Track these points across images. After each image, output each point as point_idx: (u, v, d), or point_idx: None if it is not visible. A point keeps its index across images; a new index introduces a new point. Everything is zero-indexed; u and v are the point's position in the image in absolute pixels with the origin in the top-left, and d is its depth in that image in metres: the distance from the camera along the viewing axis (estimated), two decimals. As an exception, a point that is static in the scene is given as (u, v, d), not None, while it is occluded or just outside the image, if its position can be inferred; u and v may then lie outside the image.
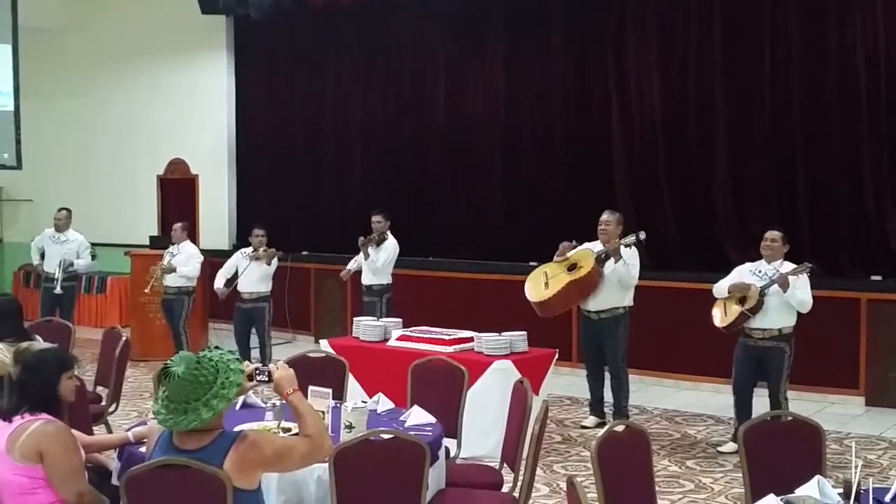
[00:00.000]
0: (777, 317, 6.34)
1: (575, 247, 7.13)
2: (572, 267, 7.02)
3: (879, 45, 8.15)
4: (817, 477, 3.39)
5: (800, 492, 3.30)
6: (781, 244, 6.49)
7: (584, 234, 7.31)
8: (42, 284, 9.97)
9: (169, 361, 3.19)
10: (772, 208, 8.68)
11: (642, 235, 6.89)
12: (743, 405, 6.55)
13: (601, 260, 6.96)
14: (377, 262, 8.66)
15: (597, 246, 7.07)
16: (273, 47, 12.16)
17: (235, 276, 8.94)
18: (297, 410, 3.31)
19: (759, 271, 6.47)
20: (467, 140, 10.66)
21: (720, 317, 6.49)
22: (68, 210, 10.04)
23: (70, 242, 9.85)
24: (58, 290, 9.57)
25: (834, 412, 7.62)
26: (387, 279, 8.79)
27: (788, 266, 6.41)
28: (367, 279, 8.80)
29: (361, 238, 8.71)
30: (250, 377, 3.30)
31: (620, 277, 6.93)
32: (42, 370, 3.77)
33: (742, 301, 6.36)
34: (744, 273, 6.57)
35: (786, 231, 8.36)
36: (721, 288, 6.55)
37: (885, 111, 8.13)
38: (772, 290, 6.29)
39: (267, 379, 3.33)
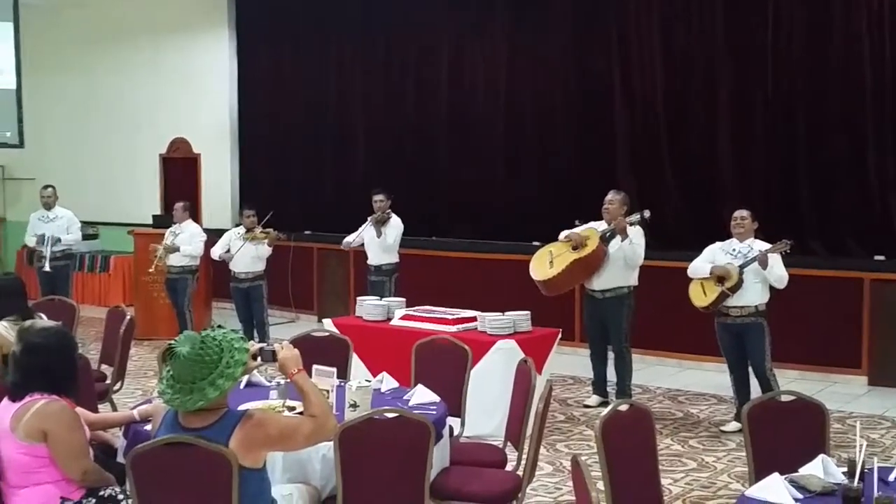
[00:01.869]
0: (753, 294, 6.40)
1: (580, 226, 7.13)
2: (577, 246, 7.01)
3: (884, 22, 8.08)
4: (821, 456, 3.40)
5: (804, 471, 3.31)
6: (751, 222, 6.54)
7: (588, 213, 7.30)
8: (35, 264, 9.96)
9: (173, 341, 3.20)
10: (775, 187, 8.66)
11: (647, 213, 6.89)
12: (741, 384, 6.61)
13: (606, 239, 6.95)
14: (388, 239, 8.61)
15: (601, 225, 7.06)
16: (275, 25, 12.10)
17: (228, 251, 9.07)
18: (302, 390, 3.32)
19: (733, 250, 6.51)
20: (470, 118, 10.61)
21: (700, 297, 6.53)
22: (53, 187, 10.03)
23: (59, 219, 9.83)
24: (46, 267, 9.55)
25: (837, 392, 7.63)
26: (395, 258, 8.74)
27: (761, 244, 6.44)
28: (375, 259, 8.74)
29: (376, 215, 8.66)
30: (255, 356, 3.31)
31: (627, 256, 6.93)
32: (51, 349, 3.77)
33: (721, 280, 6.39)
34: (715, 251, 6.61)
35: (789, 210, 8.40)
36: (697, 268, 6.59)
37: (889, 89, 8.08)
38: (749, 267, 6.32)
39: (271, 358, 3.33)
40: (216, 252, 9.15)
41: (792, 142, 8.62)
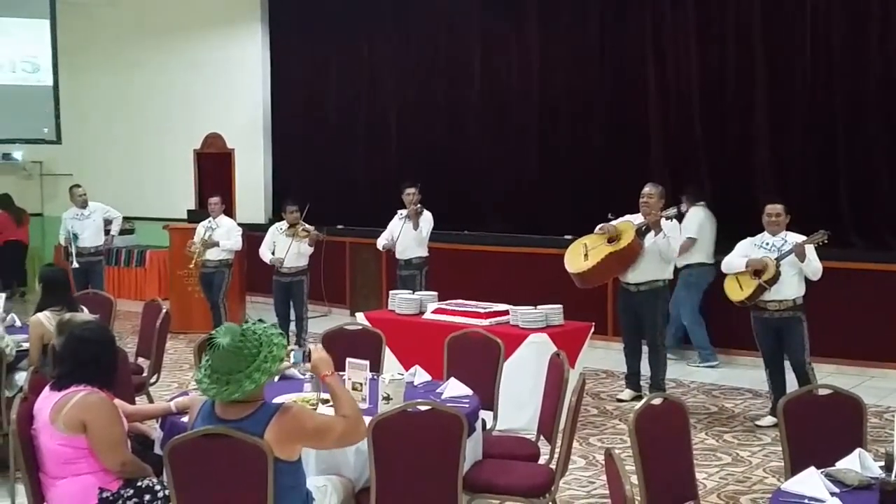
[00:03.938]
0: (791, 287, 6.33)
1: (613, 220, 7.10)
2: (612, 239, 6.98)
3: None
4: (858, 450, 3.37)
5: (840, 465, 3.29)
6: (785, 216, 6.45)
7: (621, 207, 7.25)
8: (71, 260, 10.17)
9: (214, 332, 3.24)
10: (812, 180, 8.55)
11: (683, 208, 6.82)
12: (777, 378, 6.54)
13: (642, 232, 6.91)
14: (423, 233, 8.67)
15: (637, 218, 7.01)
16: (308, 20, 12.15)
17: (274, 252, 9.02)
18: (334, 392, 3.36)
19: (767, 244, 6.43)
20: (502, 111, 10.59)
21: (736, 291, 6.46)
22: (81, 185, 10.39)
23: (94, 213, 10.15)
24: (74, 264, 9.75)
25: (874, 386, 7.53)
26: (425, 252, 8.78)
27: (795, 235, 6.36)
28: (407, 253, 8.75)
29: (414, 208, 8.66)
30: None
31: (661, 251, 6.88)
32: (94, 342, 3.83)
33: (757, 274, 6.32)
34: (748, 247, 6.53)
35: (827, 202, 8.30)
36: (732, 263, 6.52)
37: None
38: (785, 260, 6.25)
39: (303, 359, 3.37)
40: (265, 255, 8.99)
41: (830, 133, 8.50)
